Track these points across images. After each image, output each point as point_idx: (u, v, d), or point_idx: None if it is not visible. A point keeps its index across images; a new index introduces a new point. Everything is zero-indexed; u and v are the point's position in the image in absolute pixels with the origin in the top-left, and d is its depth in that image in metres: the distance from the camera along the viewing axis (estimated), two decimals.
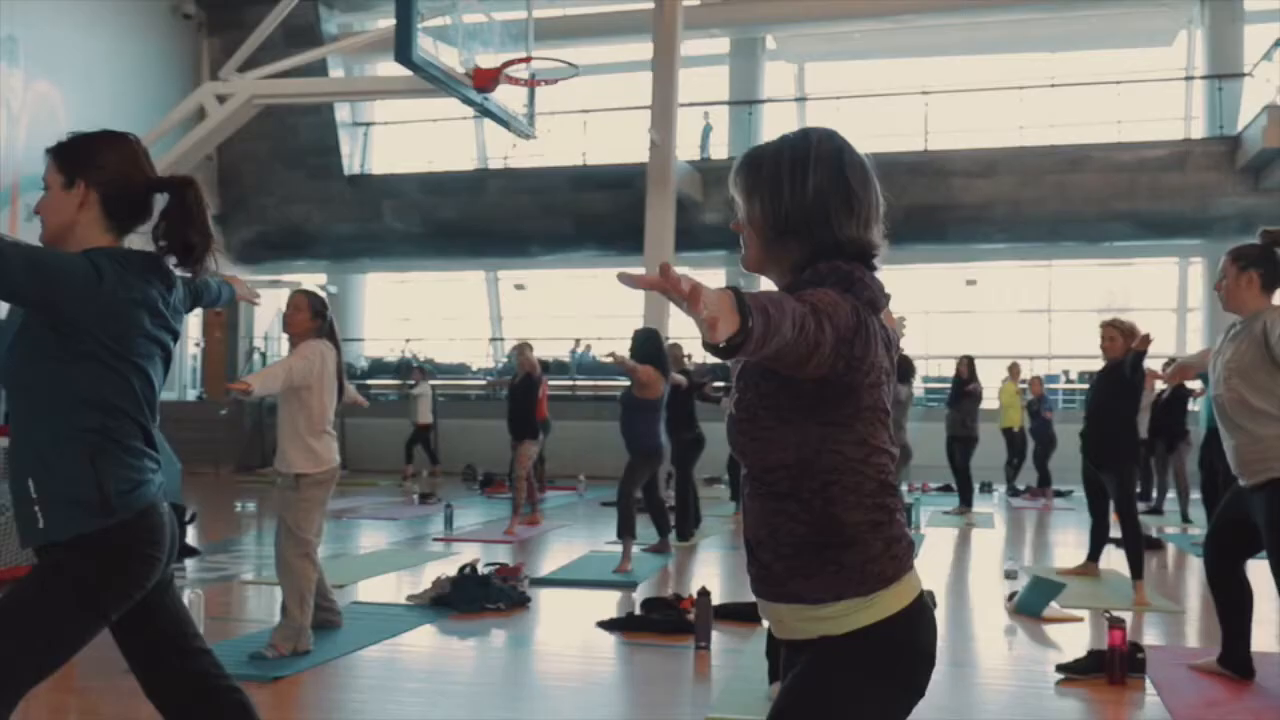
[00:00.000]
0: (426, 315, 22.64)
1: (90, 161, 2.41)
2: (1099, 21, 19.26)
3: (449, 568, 7.16)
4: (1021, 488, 13.57)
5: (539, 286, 22.17)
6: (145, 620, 2.50)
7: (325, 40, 17.20)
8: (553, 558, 8.03)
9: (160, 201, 2.48)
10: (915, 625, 1.81)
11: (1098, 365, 7.18)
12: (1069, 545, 9.23)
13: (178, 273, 2.47)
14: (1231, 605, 4.47)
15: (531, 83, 8.09)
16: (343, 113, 18.88)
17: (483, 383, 20.04)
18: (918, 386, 15.49)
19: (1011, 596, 6.25)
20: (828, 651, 1.79)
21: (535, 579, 6.88)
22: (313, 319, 5.13)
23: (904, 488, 12.80)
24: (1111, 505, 6.98)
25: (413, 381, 15.47)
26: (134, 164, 2.44)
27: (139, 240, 2.46)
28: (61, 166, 2.41)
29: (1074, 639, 5.55)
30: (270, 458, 15.36)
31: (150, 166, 2.48)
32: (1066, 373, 19.18)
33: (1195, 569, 8.17)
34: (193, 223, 2.43)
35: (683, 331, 16.17)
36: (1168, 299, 21.43)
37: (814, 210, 1.83)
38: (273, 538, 5.22)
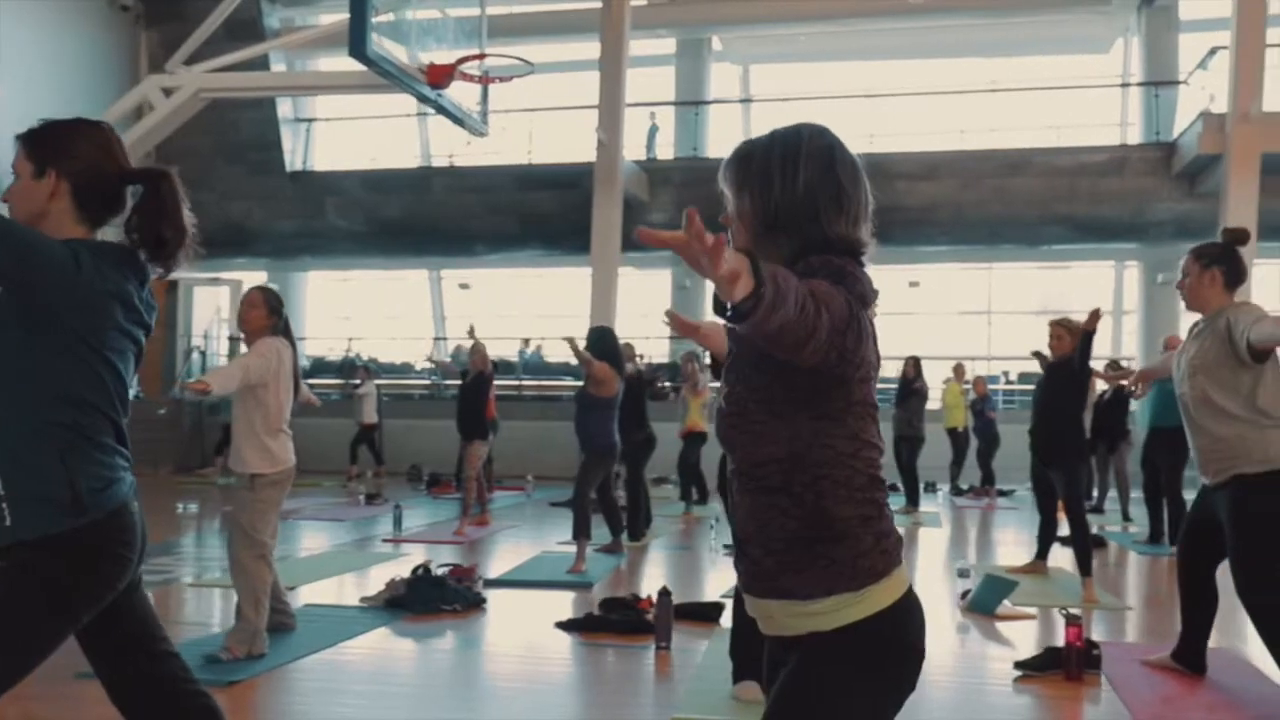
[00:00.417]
0: (368, 314, 22.43)
1: (62, 150, 2.33)
2: (1038, 28, 19.58)
3: (400, 569, 7.09)
4: (965, 487, 13.73)
5: (484, 286, 22.05)
6: (112, 622, 2.43)
7: (267, 34, 16.94)
8: (504, 558, 7.98)
9: (134, 194, 2.41)
10: (905, 620, 1.81)
11: (1036, 366, 7.29)
12: (1013, 544, 9.36)
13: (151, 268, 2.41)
14: (1196, 606, 4.53)
15: (485, 80, 8.03)
16: (285, 108, 18.62)
17: (427, 382, 19.89)
18: None
19: (965, 595, 6.31)
20: (818, 648, 1.79)
21: (489, 580, 6.82)
22: (269, 316, 5.04)
23: None
24: (1060, 503, 7.09)
25: (358, 381, 15.30)
26: (107, 153, 2.37)
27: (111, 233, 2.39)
28: (31, 154, 2.33)
29: (1026, 636, 5.62)
30: (210, 458, 15.19)
31: (124, 156, 2.41)
32: (1006, 373, 19.46)
33: (1138, 566, 8.33)
34: (166, 216, 2.36)
35: (633, 331, 16.19)
36: (1104, 302, 21.82)
37: (804, 206, 1.83)
38: (214, 539, 5.12)
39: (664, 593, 5.19)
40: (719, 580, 7.16)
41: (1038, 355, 7.74)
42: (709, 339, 4.28)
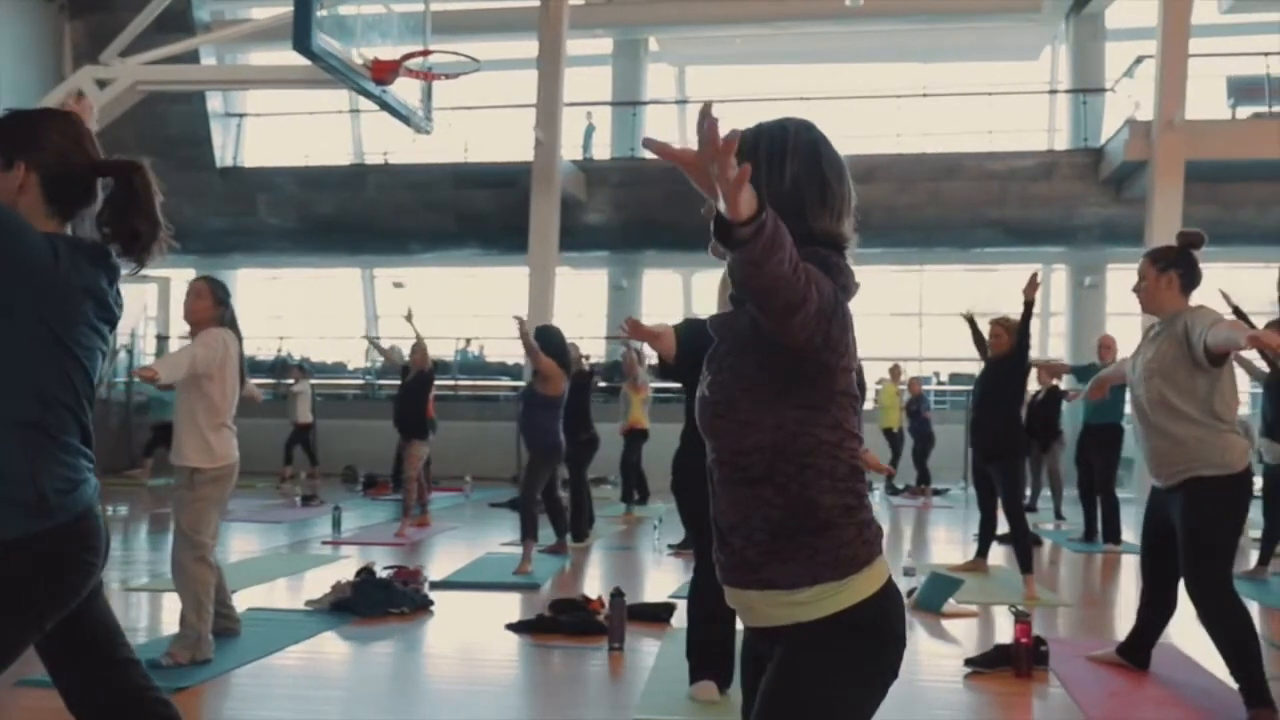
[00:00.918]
0: (299, 313, 22.11)
1: (31, 141, 2.26)
2: (970, 35, 19.91)
3: (341, 572, 6.99)
4: (901, 487, 13.90)
5: (419, 284, 21.85)
6: (73, 628, 2.35)
7: (197, 27, 16.61)
8: (448, 560, 7.90)
9: (104, 186, 2.34)
10: (887, 608, 1.84)
11: (967, 367, 7.41)
12: (949, 542, 9.49)
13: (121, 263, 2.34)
14: (1154, 608, 4.61)
15: (430, 76, 7.94)
16: (215, 102, 18.26)
17: (360, 382, 19.65)
18: None
19: (910, 593, 6.37)
20: (803, 638, 1.80)
21: (434, 582, 6.75)
22: (215, 306, 4.92)
23: None
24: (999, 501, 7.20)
25: (291, 380, 15.07)
26: (77, 144, 2.29)
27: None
28: None
29: (972, 634, 5.70)
30: (138, 459, 14.82)
31: (94, 148, 2.34)
32: (937, 374, 19.75)
33: (1073, 564, 8.49)
34: (140, 209, 2.29)
35: (570, 331, 16.13)
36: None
37: (789, 201, 1.84)
38: (142, 543, 5.00)
39: (617, 594, 5.18)
40: (665, 581, 7.17)
41: (969, 318, 7.83)
42: (661, 341, 4.29)
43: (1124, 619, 6.45)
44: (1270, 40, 16.87)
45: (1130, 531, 9.11)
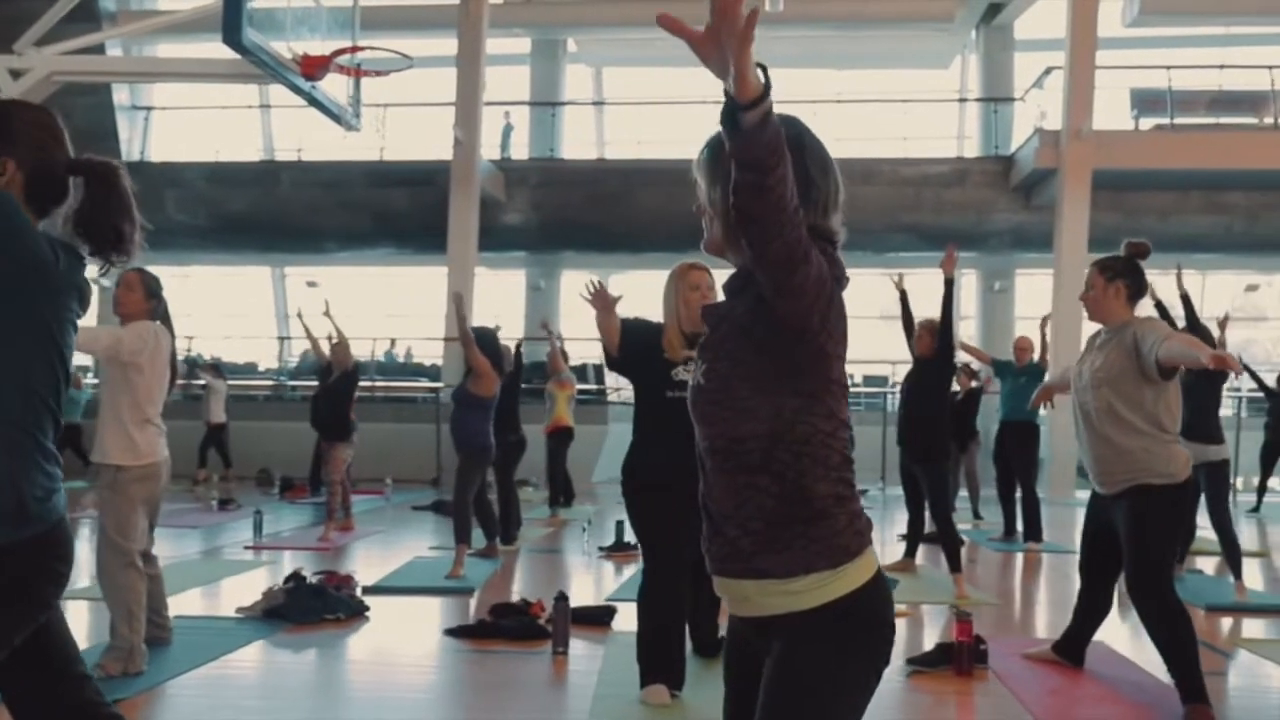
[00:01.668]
0: (208, 312, 21.59)
1: (18, 137, 2.17)
2: (882, 42, 20.24)
3: (267, 578, 6.86)
4: None
5: (333, 284, 21.49)
6: (29, 643, 2.27)
7: (103, 17, 16.14)
8: (377, 565, 7.77)
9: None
10: (878, 596, 1.87)
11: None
12: (874, 543, 9.59)
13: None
14: (1091, 608, 4.71)
15: (358, 72, 7.82)
16: (121, 95, 17.77)
17: (271, 383, 19.26)
18: None
19: None
20: (800, 629, 1.82)
21: (366, 587, 6.63)
22: (147, 299, 4.75)
23: None
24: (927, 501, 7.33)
25: (203, 380, 14.70)
26: (59, 141, 2.22)
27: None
28: None
29: (905, 633, 5.77)
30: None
31: (68, 145, 2.25)
32: (852, 376, 20.00)
33: (994, 563, 8.67)
34: (125, 209, 2.23)
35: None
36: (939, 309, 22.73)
37: None
38: None
39: (561, 597, 5.15)
40: (599, 583, 7.16)
41: (899, 285, 7.95)
42: (610, 320, 4.28)
43: (1049, 617, 6.63)
44: (1172, 54, 17.46)
45: (1049, 530, 9.35)
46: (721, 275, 4.58)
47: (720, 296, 2.01)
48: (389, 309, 21.00)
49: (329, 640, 5.47)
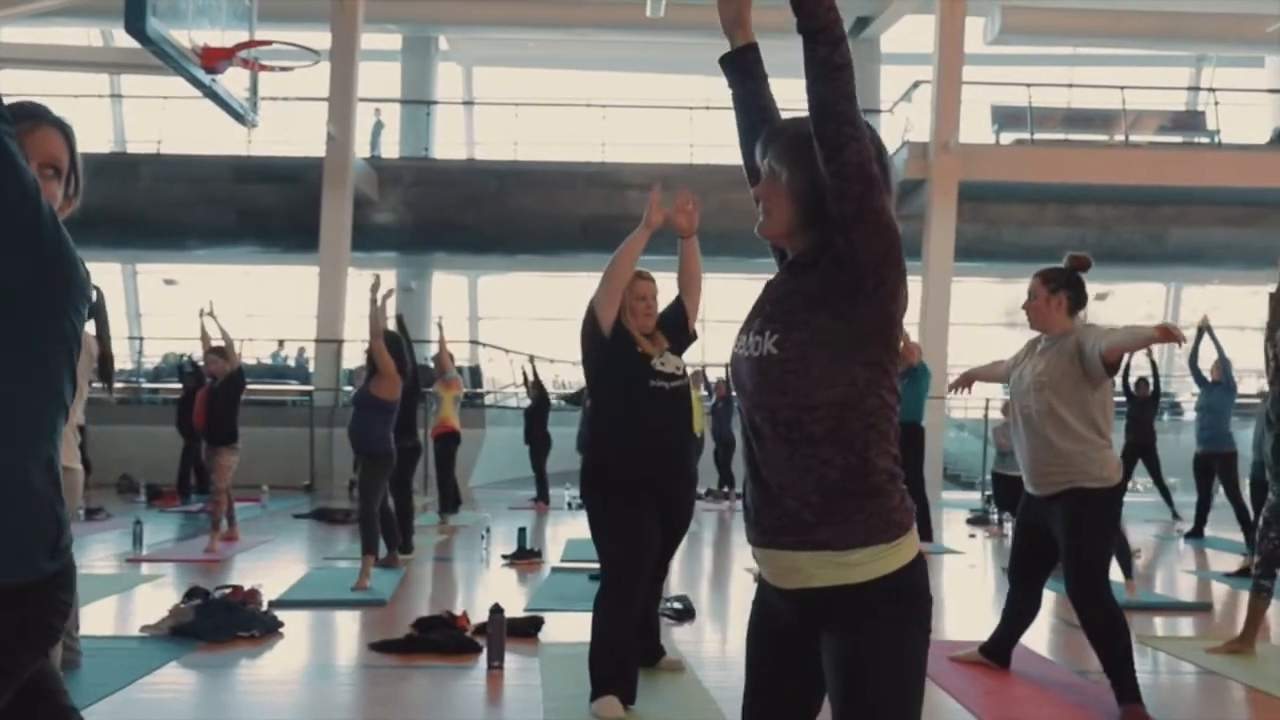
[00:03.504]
0: None
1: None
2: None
3: (158, 592, 6.59)
4: (704, 491, 14.19)
5: (192, 283, 20.70)
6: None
7: None
8: (273, 576, 7.46)
9: None
10: (923, 572, 1.94)
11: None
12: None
13: None
14: (1020, 610, 4.85)
15: (259, 66, 7.53)
16: None
17: (125, 385, 18.41)
18: None
19: None
20: (856, 605, 1.87)
21: (273, 601, 6.38)
22: None
23: None
24: None
25: None
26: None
27: None
28: None
29: None
30: None
31: None
32: (723, 379, 20.28)
33: None
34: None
35: (361, 332, 15.60)
36: None
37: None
38: None
39: (496, 610, 5.05)
40: (509, 593, 7.04)
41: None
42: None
43: (951, 618, 6.81)
44: (1032, 72, 18.23)
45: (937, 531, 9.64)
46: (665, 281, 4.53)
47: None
48: (254, 309, 20.33)
49: (246, 659, 5.24)
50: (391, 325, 7.84)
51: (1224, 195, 16.42)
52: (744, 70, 2.20)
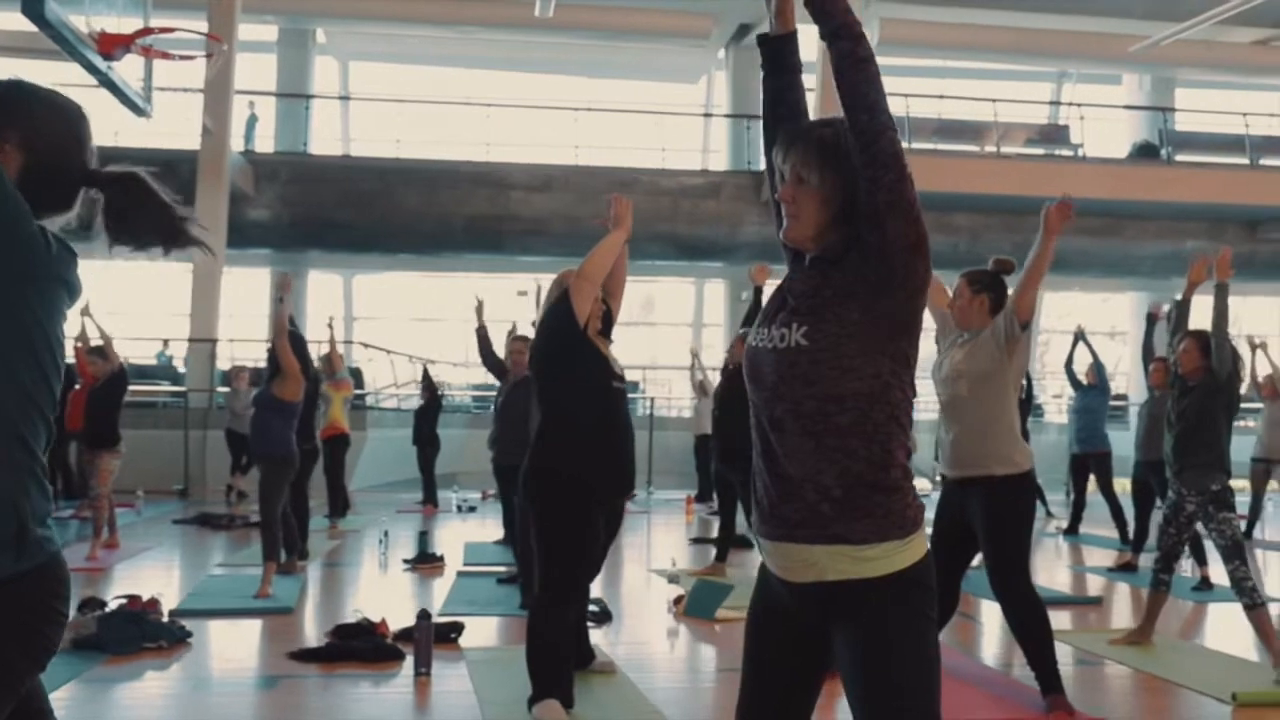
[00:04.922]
0: None
1: (25, 117, 1.88)
2: (632, 54, 20.68)
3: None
4: None
5: None
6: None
7: None
8: (164, 585, 7.20)
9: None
10: (932, 569, 1.99)
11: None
12: (676, 547, 9.71)
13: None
14: (940, 602, 4.96)
15: (149, 53, 7.22)
16: None
17: None
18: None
19: (678, 601, 6.52)
20: (875, 597, 1.90)
21: (173, 611, 6.13)
22: None
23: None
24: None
25: None
26: (80, 143, 1.94)
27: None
28: None
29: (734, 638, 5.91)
30: None
31: (92, 152, 1.98)
32: (636, 383, 20.43)
33: None
34: (167, 210, 2.00)
35: (235, 334, 15.15)
36: (687, 314, 23.62)
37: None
38: None
39: (424, 615, 4.95)
40: (416, 598, 6.91)
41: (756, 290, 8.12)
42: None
43: None
44: (908, 83, 18.75)
45: None
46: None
47: None
48: (117, 306, 19.50)
49: (155, 671, 5.02)
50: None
51: (1085, 206, 17.09)
52: (779, 61, 2.20)
